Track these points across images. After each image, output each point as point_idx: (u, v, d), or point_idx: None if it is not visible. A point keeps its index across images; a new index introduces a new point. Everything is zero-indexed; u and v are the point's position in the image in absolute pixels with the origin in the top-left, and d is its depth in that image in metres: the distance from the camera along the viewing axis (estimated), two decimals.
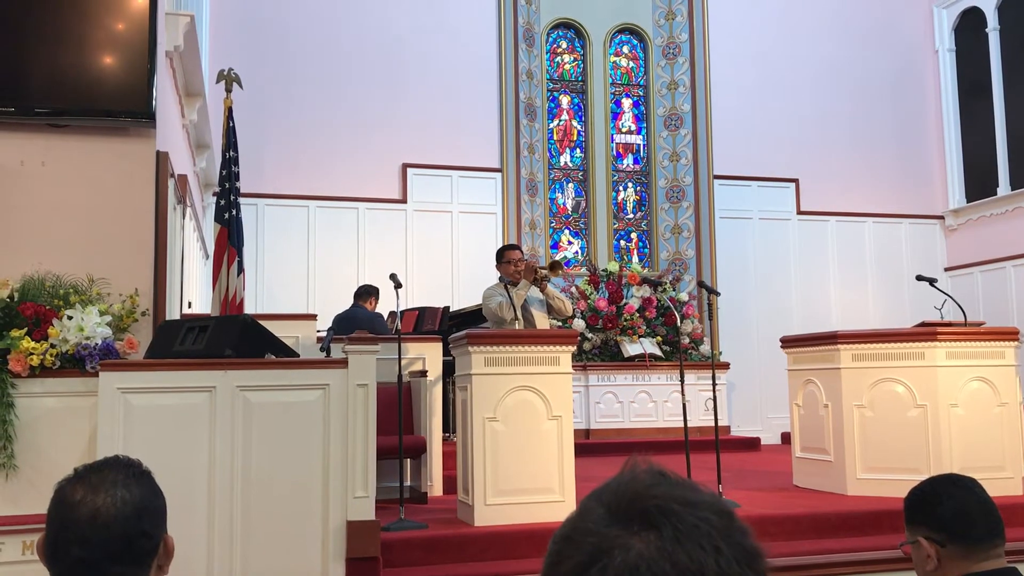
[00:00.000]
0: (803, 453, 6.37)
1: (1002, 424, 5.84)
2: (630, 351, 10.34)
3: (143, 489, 1.45)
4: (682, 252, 11.77)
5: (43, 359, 4.08)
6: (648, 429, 10.00)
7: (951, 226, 12.35)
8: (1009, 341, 5.99)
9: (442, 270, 10.75)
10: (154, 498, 1.47)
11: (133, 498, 1.41)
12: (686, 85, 11.96)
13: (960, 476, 2.15)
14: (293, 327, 6.34)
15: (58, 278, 4.43)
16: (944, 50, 12.46)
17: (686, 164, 11.87)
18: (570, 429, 5.15)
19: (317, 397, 4.20)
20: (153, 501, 1.46)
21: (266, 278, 10.23)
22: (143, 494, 1.44)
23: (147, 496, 1.45)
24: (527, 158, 11.36)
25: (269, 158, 10.33)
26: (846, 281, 12.06)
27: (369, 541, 4.16)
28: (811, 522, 5.18)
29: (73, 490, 1.41)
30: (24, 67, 4.62)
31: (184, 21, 5.86)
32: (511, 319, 5.72)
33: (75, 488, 1.41)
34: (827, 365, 6.08)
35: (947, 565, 2.02)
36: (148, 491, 1.46)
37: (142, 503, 1.42)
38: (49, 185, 4.66)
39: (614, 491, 0.79)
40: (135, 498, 1.42)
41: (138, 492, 1.43)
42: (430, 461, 6.14)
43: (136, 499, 1.42)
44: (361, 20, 10.86)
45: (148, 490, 1.46)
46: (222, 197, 5.86)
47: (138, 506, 1.41)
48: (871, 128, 12.32)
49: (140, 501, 1.42)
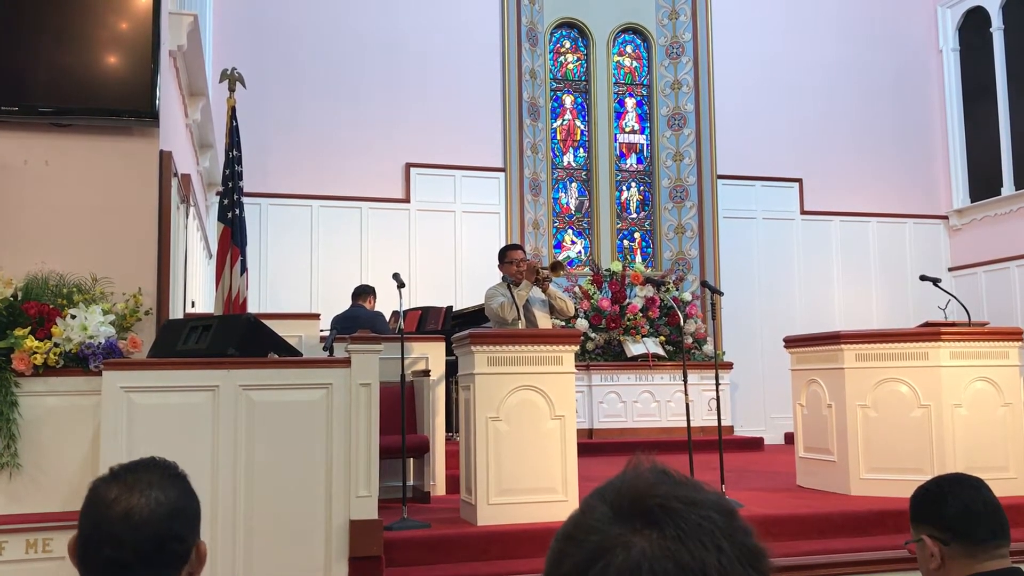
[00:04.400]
0: (806, 453, 6.36)
1: (1006, 424, 5.83)
2: (633, 351, 10.34)
3: (178, 491, 1.42)
4: (685, 252, 11.76)
5: (47, 358, 4.08)
6: (651, 429, 9.99)
7: (955, 226, 12.33)
8: (1013, 341, 5.99)
9: (445, 270, 10.75)
10: (189, 501, 1.44)
11: (168, 499, 1.39)
12: (689, 85, 11.95)
13: (966, 476, 2.14)
14: (296, 326, 6.34)
15: (62, 277, 4.43)
16: (948, 50, 12.43)
17: (689, 164, 11.86)
18: (573, 429, 5.15)
19: (320, 396, 4.20)
20: (188, 504, 1.43)
21: (269, 277, 10.24)
22: (178, 496, 1.41)
23: (182, 498, 1.42)
24: (530, 158, 11.36)
25: (272, 158, 10.33)
26: (849, 281, 12.04)
27: (372, 540, 4.16)
28: (815, 522, 5.18)
29: (108, 489, 1.38)
30: (27, 66, 4.62)
31: (188, 20, 5.86)
32: (513, 319, 5.72)
33: (110, 487, 1.38)
34: (831, 365, 6.07)
35: (951, 564, 2.02)
36: (183, 494, 1.43)
37: (177, 505, 1.40)
38: (52, 184, 4.66)
39: (617, 489, 0.79)
40: (170, 500, 1.39)
41: (173, 494, 1.40)
42: (433, 460, 6.14)
43: (171, 501, 1.39)
44: (365, 20, 10.86)
45: (183, 493, 1.43)
46: (225, 196, 5.86)
47: (172, 508, 1.38)
48: (875, 128, 12.30)
49: (175, 503, 1.39)
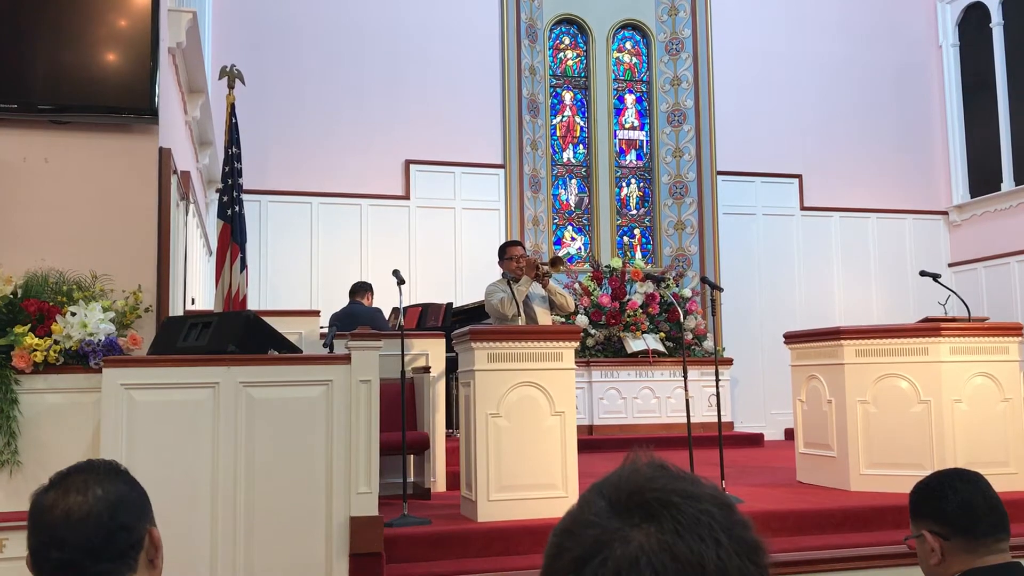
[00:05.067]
0: (806, 449, 6.36)
1: (1006, 419, 5.83)
2: (633, 347, 10.34)
3: (117, 484, 1.42)
4: (685, 248, 11.76)
5: (47, 355, 4.08)
6: (651, 425, 10.00)
7: (955, 222, 12.33)
8: (1013, 336, 5.98)
9: (445, 266, 10.75)
10: (130, 491, 1.43)
11: (107, 494, 1.39)
12: (689, 81, 11.94)
13: (966, 471, 2.14)
14: (296, 323, 6.34)
15: (61, 275, 4.43)
16: (948, 45, 12.42)
17: (689, 160, 11.86)
18: (573, 425, 5.15)
19: (320, 393, 4.19)
20: (129, 494, 1.43)
21: (269, 274, 10.24)
22: (118, 489, 1.41)
23: (122, 490, 1.42)
24: (530, 154, 11.35)
25: (272, 155, 10.33)
26: (849, 277, 12.04)
27: (372, 537, 4.16)
28: (815, 518, 5.18)
29: (45, 497, 1.40)
30: (26, 64, 4.62)
31: (187, 17, 5.85)
32: (513, 315, 5.72)
33: (46, 495, 1.40)
34: (830, 361, 6.07)
35: (951, 559, 2.02)
36: (124, 485, 1.43)
37: (118, 497, 1.40)
38: (52, 182, 4.66)
39: (615, 484, 0.79)
40: (109, 494, 1.39)
41: (112, 488, 1.40)
42: (433, 457, 6.15)
43: (110, 495, 1.39)
44: (364, 16, 10.85)
45: (124, 484, 1.43)
46: (225, 193, 5.85)
47: (113, 501, 1.39)
48: (874, 123, 12.29)
49: (115, 496, 1.40)
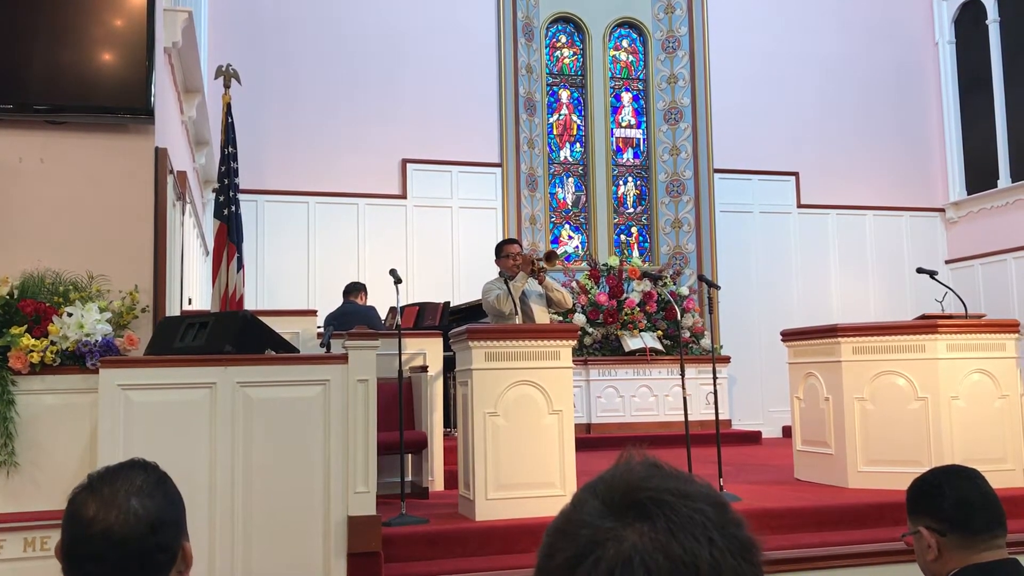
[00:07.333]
0: (804, 446, 6.36)
1: (1003, 416, 5.84)
2: (631, 345, 10.34)
3: (157, 500, 1.40)
4: (682, 246, 11.76)
5: (43, 356, 4.07)
6: (649, 423, 10.00)
7: (952, 219, 12.34)
8: (1010, 333, 5.99)
9: (442, 265, 10.74)
10: (170, 508, 1.42)
11: (147, 512, 1.37)
12: (686, 79, 11.94)
13: (963, 467, 2.15)
14: (293, 323, 6.33)
15: (58, 275, 4.42)
16: (944, 42, 12.43)
17: (686, 158, 11.86)
18: (571, 423, 5.15)
19: (317, 393, 4.19)
20: (169, 512, 1.41)
21: (266, 274, 10.23)
22: (157, 505, 1.39)
23: (162, 507, 1.40)
24: (527, 153, 11.35)
25: (268, 154, 10.32)
26: (847, 274, 12.05)
27: (370, 536, 4.16)
28: (813, 515, 5.18)
29: (85, 505, 1.37)
30: (22, 64, 4.61)
31: (182, 17, 5.84)
32: (510, 312, 5.72)
33: (88, 503, 1.37)
34: (828, 358, 6.08)
35: (948, 555, 2.02)
36: (163, 500, 1.41)
37: (157, 516, 1.38)
38: (48, 182, 4.65)
39: (608, 483, 0.79)
40: (149, 512, 1.37)
41: (152, 504, 1.38)
42: (431, 456, 6.14)
43: (151, 512, 1.37)
44: (360, 15, 10.84)
45: (163, 499, 1.41)
46: (221, 193, 5.85)
47: (153, 521, 1.37)
48: (871, 121, 12.30)
49: (155, 514, 1.38)
